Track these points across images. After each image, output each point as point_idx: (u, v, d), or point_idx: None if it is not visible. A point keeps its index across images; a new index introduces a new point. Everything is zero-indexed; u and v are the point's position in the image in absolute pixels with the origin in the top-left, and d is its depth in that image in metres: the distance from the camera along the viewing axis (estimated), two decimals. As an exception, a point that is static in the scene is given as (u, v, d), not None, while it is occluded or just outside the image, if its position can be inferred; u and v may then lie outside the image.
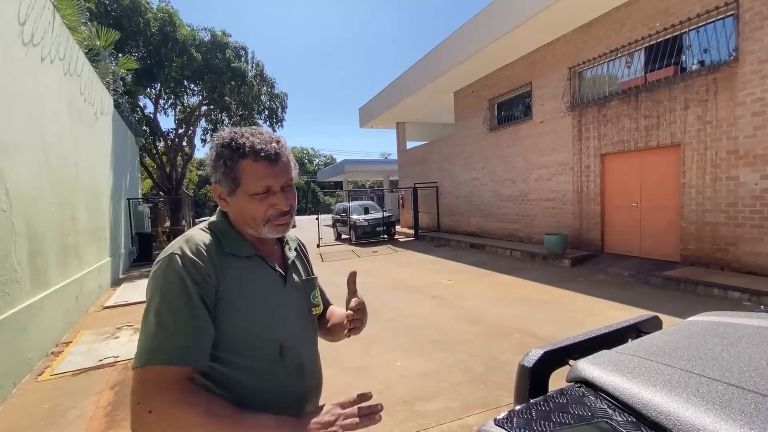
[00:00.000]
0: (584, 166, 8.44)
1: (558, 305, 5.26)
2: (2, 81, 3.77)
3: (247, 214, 0.90)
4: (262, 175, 0.87)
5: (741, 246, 5.88)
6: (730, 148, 5.95)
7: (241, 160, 0.87)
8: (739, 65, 5.76)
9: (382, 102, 16.28)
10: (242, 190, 0.88)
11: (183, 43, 14.23)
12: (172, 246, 0.85)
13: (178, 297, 0.78)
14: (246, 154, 0.86)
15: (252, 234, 0.94)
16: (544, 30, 8.58)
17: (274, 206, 0.90)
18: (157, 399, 0.70)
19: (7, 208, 3.64)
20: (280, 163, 0.90)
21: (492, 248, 10.24)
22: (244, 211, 0.90)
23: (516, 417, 0.77)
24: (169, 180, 17.34)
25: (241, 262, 0.91)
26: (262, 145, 0.87)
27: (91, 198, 6.99)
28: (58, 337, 4.66)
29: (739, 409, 0.64)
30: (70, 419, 2.92)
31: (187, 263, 0.81)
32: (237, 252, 0.91)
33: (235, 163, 0.87)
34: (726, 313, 1.19)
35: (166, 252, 0.84)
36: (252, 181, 0.87)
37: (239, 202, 0.90)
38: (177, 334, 0.76)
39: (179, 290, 0.78)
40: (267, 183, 0.88)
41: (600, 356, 0.92)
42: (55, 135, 5.19)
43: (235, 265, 0.89)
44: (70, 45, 6.16)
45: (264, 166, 0.87)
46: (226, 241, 0.91)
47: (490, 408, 2.80)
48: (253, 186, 0.87)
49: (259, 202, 0.89)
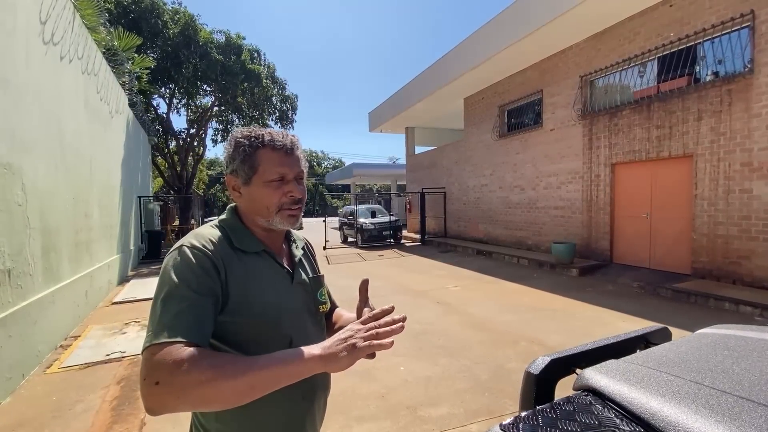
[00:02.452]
0: (594, 174, 8.38)
1: (565, 314, 5.20)
2: (22, 79, 3.86)
3: (260, 202, 0.93)
4: (278, 163, 0.93)
5: (754, 260, 5.78)
6: (743, 161, 5.86)
7: (260, 148, 0.93)
8: (755, 77, 5.69)
9: (391, 106, 16.35)
10: (258, 177, 0.92)
11: (204, 47, 14.45)
12: (183, 240, 0.88)
13: (185, 286, 0.79)
14: (264, 144, 0.93)
15: (263, 225, 0.96)
16: (556, 38, 8.57)
17: (287, 194, 0.93)
18: (160, 369, 0.69)
19: (23, 202, 3.71)
20: (293, 155, 0.96)
21: (499, 255, 10.17)
22: (259, 199, 0.93)
23: (522, 423, 0.77)
24: (179, 179, 17.55)
25: (249, 257, 0.93)
26: (279, 138, 0.94)
27: (104, 195, 7.11)
28: (67, 331, 4.73)
29: (749, 422, 0.64)
30: (77, 412, 2.95)
31: (197, 254, 0.83)
32: (246, 248, 0.93)
33: (254, 151, 0.92)
34: (736, 327, 1.17)
35: (176, 245, 0.87)
36: (269, 167, 0.92)
37: (254, 190, 0.93)
38: (181, 316, 0.76)
39: (186, 279, 0.80)
40: (282, 170, 0.93)
41: (608, 365, 0.91)
42: (71, 132, 5.29)
43: (244, 260, 0.91)
44: (89, 45, 6.30)
45: (280, 155, 0.93)
46: (235, 236, 0.93)
47: (494, 416, 2.78)
48: (270, 172, 0.92)
49: (273, 189, 0.92)
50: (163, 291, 0.80)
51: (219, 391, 0.69)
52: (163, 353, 0.71)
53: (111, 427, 2.75)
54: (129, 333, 4.75)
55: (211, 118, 18.31)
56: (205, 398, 0.69)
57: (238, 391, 0.70)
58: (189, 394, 0.68)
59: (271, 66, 17.87)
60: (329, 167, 60.00)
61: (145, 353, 0.73)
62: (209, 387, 0.69)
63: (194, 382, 0.68)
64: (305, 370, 0.75)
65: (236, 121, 18.51)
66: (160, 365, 0.70)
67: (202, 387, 0.68)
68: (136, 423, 2.79)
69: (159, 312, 0.77)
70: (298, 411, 0.95)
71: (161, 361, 0.70)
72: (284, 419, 0.92)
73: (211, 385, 0.69)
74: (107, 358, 3.98)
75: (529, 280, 7.45)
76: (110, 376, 3.56)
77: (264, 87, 16.88)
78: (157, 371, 0.69)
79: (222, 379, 0.69)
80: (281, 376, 0.74)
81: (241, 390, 0.71)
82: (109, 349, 4.22)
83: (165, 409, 0.69)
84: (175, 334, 0.74)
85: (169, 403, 0.69)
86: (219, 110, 18.15)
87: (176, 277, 0.80)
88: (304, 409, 0.96)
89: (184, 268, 0.81)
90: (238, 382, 0.70)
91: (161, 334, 0.74)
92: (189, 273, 0.81)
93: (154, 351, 0.72)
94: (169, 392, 0.68)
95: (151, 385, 0.68)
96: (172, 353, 0.71)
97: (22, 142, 3.79)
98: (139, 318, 5.35)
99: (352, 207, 15.72)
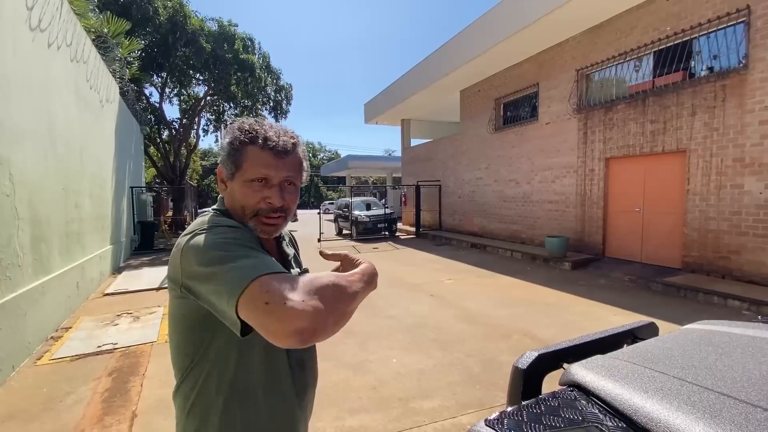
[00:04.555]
0: (588, 169, 8.41)
1: (558, 308, 5.25)
2: (9, 67, 3.78)
3: (237, 200, 0.87)
4: (263, 164, 0.85)
5: (743, 255, 5.85)
6: (736, 156, 5.91)
7: (249, 145, 0.85)
8: (749, 72, 5.70)
9: (387, 98, 16.24)
10: (240, 175, 0.86)
11: (192, 33, 14.19)
12: (199, 224, 0.83)
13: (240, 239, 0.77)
14: (254, 141, 0.85)
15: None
16: (553, 31, 8.52)
17: (266, 200, 0.86)
18: (276, 291, 0.62)
19: (11, 193, 3.66)
20: (286, 158, 0.87)
21: (493, 249, 10.23)
22: (237, 197, 0.87)
23: (507, 418, 0.77)
24: (172, 170, 17.37)
25: None
26: (274, 138, 0.86)
27: (95, 185, 7.03)
28: (58, 323, 4.70)
29: (729, 419, 0.64)
30: (67, 404, 2.95)
31: (233, 230, 0.80)
32: None
33: (242, 146, 0.86)
34: (722, 323, 1.18)
35: (197, 227, 0.82)
36: (251, 166, 0.85)
37: (234, 187, 0.88)
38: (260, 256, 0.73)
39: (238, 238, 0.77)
40: (266, 172, 0.85)
41: (593, 361, 0.92)
42: (60, 122, 5.20)
43: None
44: (78, 31, 6.17)
45: (268, 156, 0.85)
46: None
47: (485, 408, 2.81)
48: (251, 172, 0.85)
49: (252, 191, 0.86)
50: (225, 249, 0.72)
51: (347, 302, 0.70)
52: (280, 277, 0.65)
53: (102, 418, 2.75)
54: (121, 324, 4.73)
55: (203, 107, 18.08)
56: (343, 312, 0.68)
57: (352, 299, 0.72)
58: (335, 307, 0.65)
59: (265, 55, 17.61)
60: (325, 159, 59.72)
61: (256, 285, 0.63)
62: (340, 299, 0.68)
63: (331, 295, 0.66)
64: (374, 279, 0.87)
65: (229, 111, 18.29)
66: (288, 287, 0.63)
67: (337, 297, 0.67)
68: (128, 415, 2.79)
69: (239, 258, 0.70)
70: (293, 408, 0.94)
71: (285, 280, 0.64)
72: (280, 418, 0.91)
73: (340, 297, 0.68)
74: (99, 349, 3.97)
75: (523, 273, 7.50)
76: (101, 368, 3.55)
77: (258, 77, 16.66)
78: (296, 291, 0.62)
79: (342, 290, 0.70)
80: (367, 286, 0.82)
81: (353, 299, 0.72)
82: (101, 340, 4.20)
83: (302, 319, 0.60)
84: (275, 269, 0.68)
85: (312, 313, 0.61)
86: (212, 100, 17.93)
87: (231, 238, 0.76)
88: (298, 405, 0.95)
89: (235, 234, 0.78)
90: (351, 289, 0.72)
91: (257, 270, 0.66)
92: (242, 235, 0.78)
93: (263, 281, 0.64)
94: (321, 307, 0.62)
95: (299, 302, 0.61)
96: (290, 278, 0.66)
97: (10, 132, 3.71)
98: (132, 309, 5.33)
99: (347, 199, 15.68)
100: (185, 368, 0.86)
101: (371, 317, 4.88)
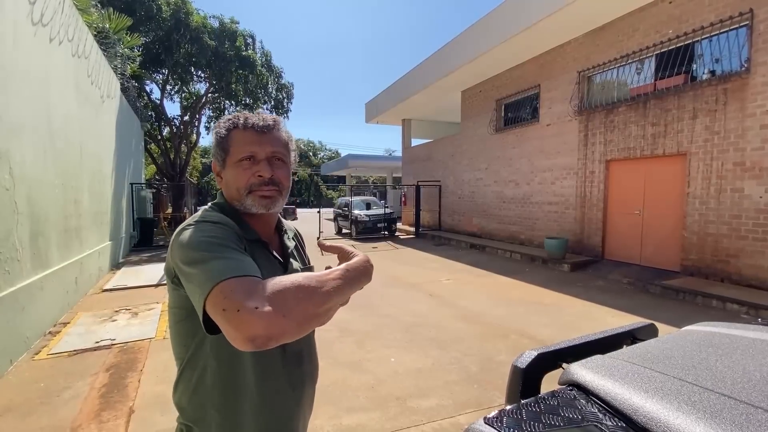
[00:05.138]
0: (589, 171, 8.41)
1: (556, 309, 5.26)
2: (10, 60, 3.77)
3: (232, 185, 0.91)
4: (248, 142, 0.90)
5: (742, 258, 5.86)
6: (736, 160, 5.91)
7: (233, 130, 0.92)
8: (751, 76, 5.70)
9: (388, 98, 16.23)
10: (230, 158, 0.91)
11: (195, 31, 14.17)
12: (195, 217, 0.85)
13: (223, 237, 0.78)
14: (236, 125, 0.92)
15: (241, 210, 0.93)
16: (554, 33, 8.52)
17: (256, 174, 0.90)
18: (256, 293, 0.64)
19: (10, 187, 3.65)
20: (268, 134, 0.92)
21: (492, 249, 10.23)
22: (231, 182, 0.92)
23: (506, 416, 0.77)
24: (173, 167, 17.35)
25: (247, 244, 0.90)
26: (254, 119, 0.92)
27: (95, 181, 7.02)
28: (56, 318, 4.69)
29: (729, 419, 0.64)
30: (65, 399, 2.94)
31: (222, 227, 0.81)
32: (244, 234, 0.90)
33: (227, 133, 0.92)
34: (722, 324, 1.18)
35: (189, 221, 0.84)
36: (238, 146, 0.90)
37: (228, 173, 0.92)
38: (236, 257, 0.73)
39: (221, 236, 0.78)
40: (251, 149, 0.90)
41: (593, 360, 0.91)
42: (61, 117, 5.19)
43: (246, 247, 0.89)
44: (80, 26, 6.15)
45: (250, 135, 0.91)
46: (234, 221, 0.90)
47: (483, 407, 2.81)
48: (238, 151, 0.90)
49: (242, 170, 0.90)
50: (204, 247, 0.74)
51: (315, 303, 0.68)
52: (246, 281, 0.66)
53: (99, 414, 2.74)
54: (119, 320, 4.73)
55: (204, 105, 18.06)
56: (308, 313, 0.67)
57: (324, 299, 0.70)
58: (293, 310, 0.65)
59: (266, 53, 17.60)
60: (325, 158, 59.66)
61: (220, 289, 0.65)
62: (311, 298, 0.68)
63: (292, 298, 0.66)
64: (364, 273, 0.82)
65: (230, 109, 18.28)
66: (253, 291, 0.64)
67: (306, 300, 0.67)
68: (125, 410, 2.79)
69: (210, 259, 0.71)
70: (288, 401, 0.94)
71: (251, 286, 0.65)
72: (274, 410, 0.92)
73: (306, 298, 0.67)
74: (96, 345, 3.96)
75: (522, 274, 7.50)
76: (99, 364, 3.55)
77: (259, 74, 16.64)
78: (254, 296, 0.63)
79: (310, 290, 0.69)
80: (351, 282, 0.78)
81: (325, 298, 0.70)
82: (99, 336, 4.20)
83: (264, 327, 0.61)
84: (241, 271, 0.69)
85: (273, 321, 0.62)
86: (213, 97, 17.91)
87: (214, 237, 0.77)
88: (294, 399, 0.95)
89: (215, 233, 0.78)
90: (323, 288, 0.71)
91: (226, 272, 0.68)
92: (224, 236, 0.79)
93: (230, 284, 0.65)
94: (273, 309, 0.62)
95: (251, 310, 0.61)
96: (254, 281, 0.67)
97: (10, 126, 3.71)
98: (130, 306, 5.32)
99: (347, 198, 15.67)
100: (183, 359, 0.89)
101: (369, 316, 4.88)
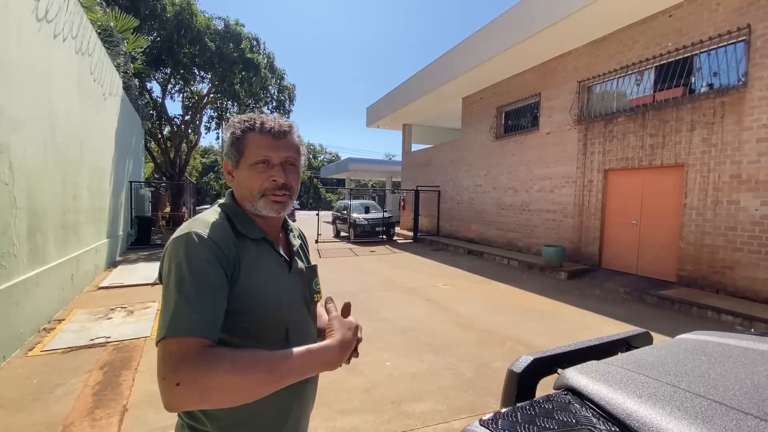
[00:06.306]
0: (587, 180, 8.45)
1: (552, 316, 5.26)
2: (14, 55, 3.78)
3: (245, 186, 0.93)
4: (263, 146, 0.92)
5: (738, 270, 5.89)
6: (733, 172, 5.96)
7: (249, 132, 0.93)
8: (747, 90, 5.77)
9: (390, 103, 16.30)
10: (244, 160, 0.93)
11: (198, 32, 14.23)
12: (189, 225, 0.85)
13: (202, 279, 0.78)
14: (253, 127, 0.93)
15: (252, 211, 0.95)
16: (556, 42, 8.60)
17: (270, 178, 0.92)
18: (181, 370, 0.68)
19: (9, 181, 3.65)
20: (283, 140, 0.94)
21: (490, 256, 10.24)
22: (244, 182, 0.93)
23: (501, 419, 0.78)
24: (172, 166, 17.33)
25: (252, 244, 0.92)
26: (270, 123, 0.94)
27: (94, 178, 7.01)
28: (51, 314, 4.67)
29: (720, 425, 0.65)
30: (57, 396, 2.92)
31: (209, 245, 0.81)
32: (248, 234, 0.92)
33: (243, 134, 0.93)
34: (716, 333, 1.20)
35: (183, 230, 0.84)
36: (253, 150, 0.92)
37: (241, 174, 0.94)
38: (198, 305, 0.75)
39: (201, 271, 0.78)
40: (266, 154, 0.92)
41: (588, 366, 0.93)
42: (62, 113, 5.20)
43: (249, 246, 0.91)
44: (84, 24, 6.18)
45: (267, 138, 0.93)
46: (238, 221, 0.92)
47: (477, 413, 2.81)
48: (253, 155, 0.92)
49: (257, 173, 0.92)
50: (177, 280, 0.77)
51: (242, 392, 0.71)
52: (182, 350, 0.70)
53: (92, 411, 2.73)
54: (114, 318, 4.71)
55: (206, 105, 18.08)
56: (226, 399, 0.70)
57: (259, 391, 0.73)
58: (212, 395, 0.69)
59: (270, 55, 17.68)
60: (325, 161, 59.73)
61: (162, 345, 0.71)
62: (232, 389, 0.70)
63: (217, 387, 0.69)
64: (325, 364, 0.80)
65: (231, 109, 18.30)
66: (179, 367, 0.68)
67: (225, 389, 0.69)
68: (118, 408, 2.77)
69: (174, 302, 0.75)
70: (289, 397, 0.94)
71: (182, 360, 0.69)
72: (273, 410, 0.92)
73: (235, 386, 0.70)
74: (91, 342, 3.94)
75: (519, 281, 7.52)
76: (93, 361, 3.53)
77: (262, 76, 16.70)
78: (179, 372, 0.68)
79: (244, 381, 0.70)
80: (304, 370, 0.78)
81: (263, 390, 0.73)
82: (94, 333, 4.18)
83: (185, 407, 0.69)
84: (193, 328, 0.73)
85: (190, 403, 0.69)
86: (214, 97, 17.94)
87: (190, 267, 0.78)
88: (293, 400, 0.95)
89: (197, 258, 0.79)
90: (261, 382, 0.72)
91: (179, 327, 0.72)
92: (204, 264, 0.79)
93: (171, 346, 0.71)
94: (189, 394, 0.68)
95: (172, 385, 0.67)
96: (192, 351, 0.70)
97: (11, 120, 3.71)
98: (126, 304, 5.30)
99: (346, 202, 15.68)
100: None
101: (366, 320, 4.88)
